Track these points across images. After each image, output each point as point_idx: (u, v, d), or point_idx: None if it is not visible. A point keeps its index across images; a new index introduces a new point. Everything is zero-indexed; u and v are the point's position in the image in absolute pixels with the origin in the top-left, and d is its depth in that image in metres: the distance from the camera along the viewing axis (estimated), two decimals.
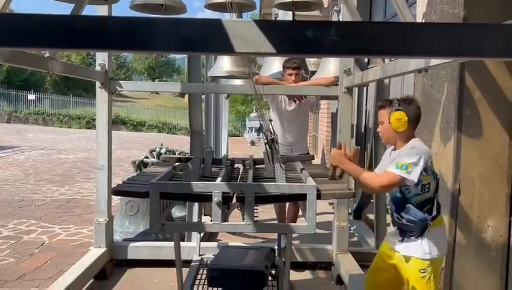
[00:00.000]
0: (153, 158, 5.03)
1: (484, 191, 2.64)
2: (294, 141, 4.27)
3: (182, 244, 2.99)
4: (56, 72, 2.93)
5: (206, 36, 1.06)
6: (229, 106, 7.52)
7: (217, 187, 2.20)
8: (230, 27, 1.05)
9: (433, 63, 2.04)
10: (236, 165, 3.22)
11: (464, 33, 1.07)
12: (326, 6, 6.38)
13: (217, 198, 2.15)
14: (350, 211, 4.82)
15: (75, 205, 6.30)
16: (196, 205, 3.89)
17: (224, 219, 2.22)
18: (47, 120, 24.78)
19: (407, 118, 2.17)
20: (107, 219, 3.76)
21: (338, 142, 3.47)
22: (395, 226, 2.32)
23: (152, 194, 2.17)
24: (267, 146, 2.75)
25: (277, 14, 6.40)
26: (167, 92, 33.21)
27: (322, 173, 2.76)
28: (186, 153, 4.82)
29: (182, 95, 31.62)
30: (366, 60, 4.41)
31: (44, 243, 4.56)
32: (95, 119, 3.88)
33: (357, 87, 4.37)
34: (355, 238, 4.66)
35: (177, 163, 3.03)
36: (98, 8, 3.42)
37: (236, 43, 1.06)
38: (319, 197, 2.20)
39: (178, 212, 4.77)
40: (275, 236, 3.80)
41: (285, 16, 4.61)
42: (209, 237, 4.30)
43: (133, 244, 3.93)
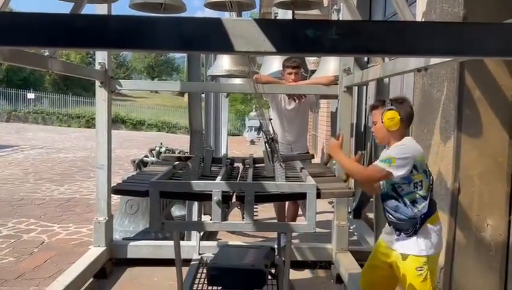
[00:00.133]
0: (153, 157, 5.02)
1: (484, 190, 2.64)
2: (294, 140, 4.27)
3: (181, 243, 2.99)
4: (55, 71, 2.94)
5: (206, 35, 1.06)
6: (229, 105, 7.52)
7: (217, 186, 2.20)
8: (230, 26, 1.05)
9: (432, 62, 2.04)
10: (236, 164, 3.22)
11: (464, 32, 1.08)
12: (326, 5, 6.38)
13: (216, 197, 2.15)
14: (350, 210, 4.82)
15: (75, 204, 6.30)
16: (196, 204, 3.89)
17: (224, 217, 2.22)
18: (46, 119, 24.76)
19: (399, 117, 2.23)
20: (107, 218, 3.75)
21: (337, 132, 3.48)
22: (390, 224, 2.35)
23: (152, 193, 2.17)
24: (266, 145, 2.75)
25: (277, 13, 6.40)
26: (167, 91, 33.11)
27: (321, 172, 2.77)
28: (186, 152, 4.81)
29: (181, 94, 31.56)
30: (365, 59, 4.41)
31: (44, 242, 4.56)
32: (95, 118, 3.88)
33: (356, 86, 4.37)
34: (355, 237, 4.67)
35: (176, 162, 3.02)
36: (98, 7, 3.42)
37: (236, 42, 1.05)
38: (319, 196, 2.20)
39: (178, 211, 4.77)
40: (275, 235, 3.80)
41: (285, 15, 4.61)
42: (208, 236, 4.30)
43: (132, 243, 3.93)
